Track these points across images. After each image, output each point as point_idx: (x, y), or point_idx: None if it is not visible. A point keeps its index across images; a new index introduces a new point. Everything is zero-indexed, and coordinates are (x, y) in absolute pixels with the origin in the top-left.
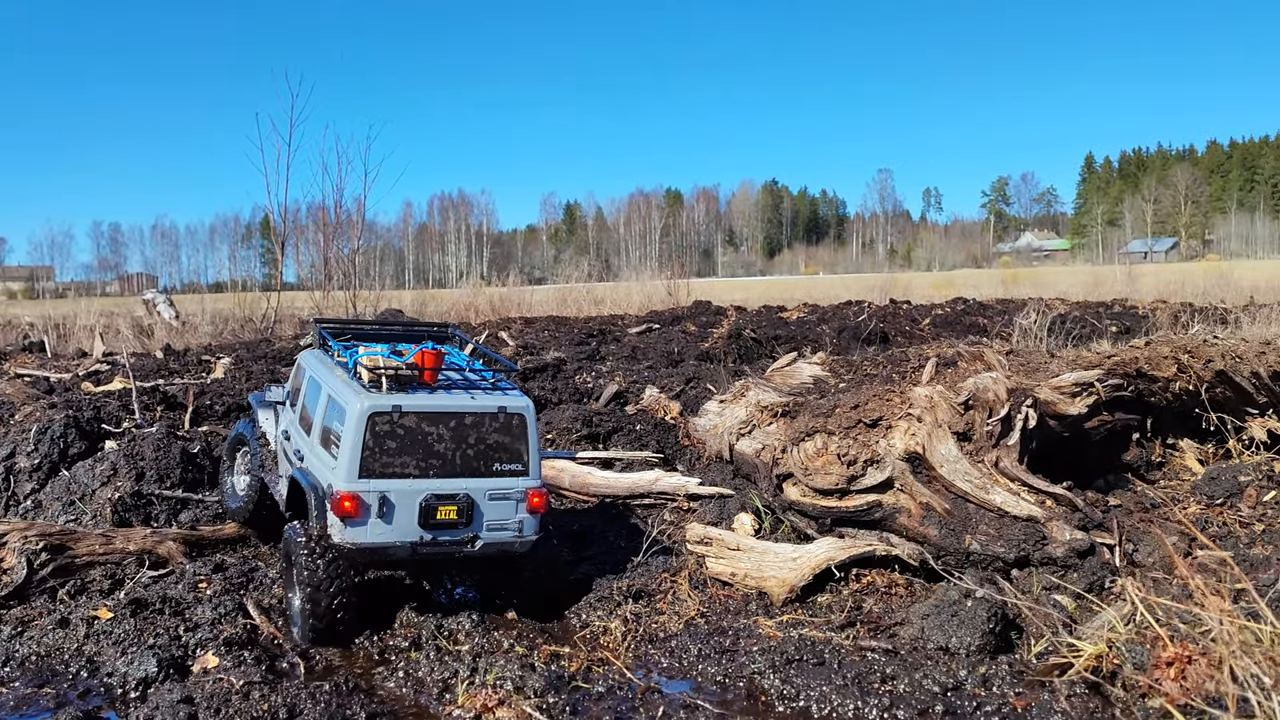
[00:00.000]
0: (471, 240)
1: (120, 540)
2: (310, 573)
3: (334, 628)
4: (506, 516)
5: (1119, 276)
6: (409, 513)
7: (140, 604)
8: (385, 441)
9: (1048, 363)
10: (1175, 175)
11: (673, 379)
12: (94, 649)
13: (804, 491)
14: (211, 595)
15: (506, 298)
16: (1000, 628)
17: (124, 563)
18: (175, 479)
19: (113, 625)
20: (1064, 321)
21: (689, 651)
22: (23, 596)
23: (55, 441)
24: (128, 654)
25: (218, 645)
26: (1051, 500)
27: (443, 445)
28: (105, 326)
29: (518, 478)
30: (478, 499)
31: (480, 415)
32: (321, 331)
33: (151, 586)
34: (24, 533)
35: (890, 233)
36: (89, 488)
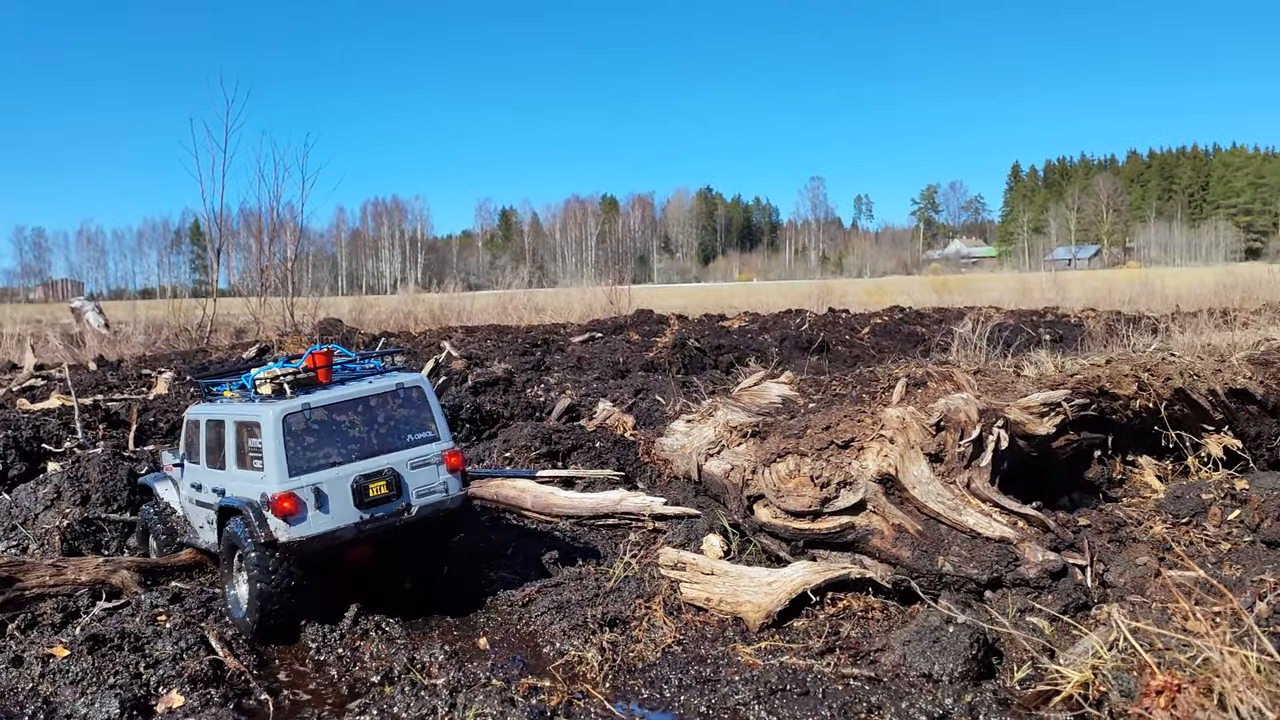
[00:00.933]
0: (406, 246)
1: (72, 570)
2: (261, 571)
3: (282, 620)
4: (431, 480)
5: (1045, 283)
6: (343, 497)
7: (98, 640)
8: (304, 439)
9: (1014, 382)
10: (1097, 184)
11: (621, 390)
12: (50, 689)
13: (776, 513)
14: (171, 628)
15: (446, 305)
16: (982, 653)
17: (76, 594)
18: (122, 501)
19: (70, 663)
20: (1002, 331)
21: (670, 682)
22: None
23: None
24: (87, 694)
25: (182, 683)
26: (1023, 521)
27: (356, 430)
28: (35, 337)
29: (431, 444)
30: (402, 470)
31: (382, 395)
32: (204, 382)
33: (108, 620)
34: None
35: (822, 240)
36: (31, 511)
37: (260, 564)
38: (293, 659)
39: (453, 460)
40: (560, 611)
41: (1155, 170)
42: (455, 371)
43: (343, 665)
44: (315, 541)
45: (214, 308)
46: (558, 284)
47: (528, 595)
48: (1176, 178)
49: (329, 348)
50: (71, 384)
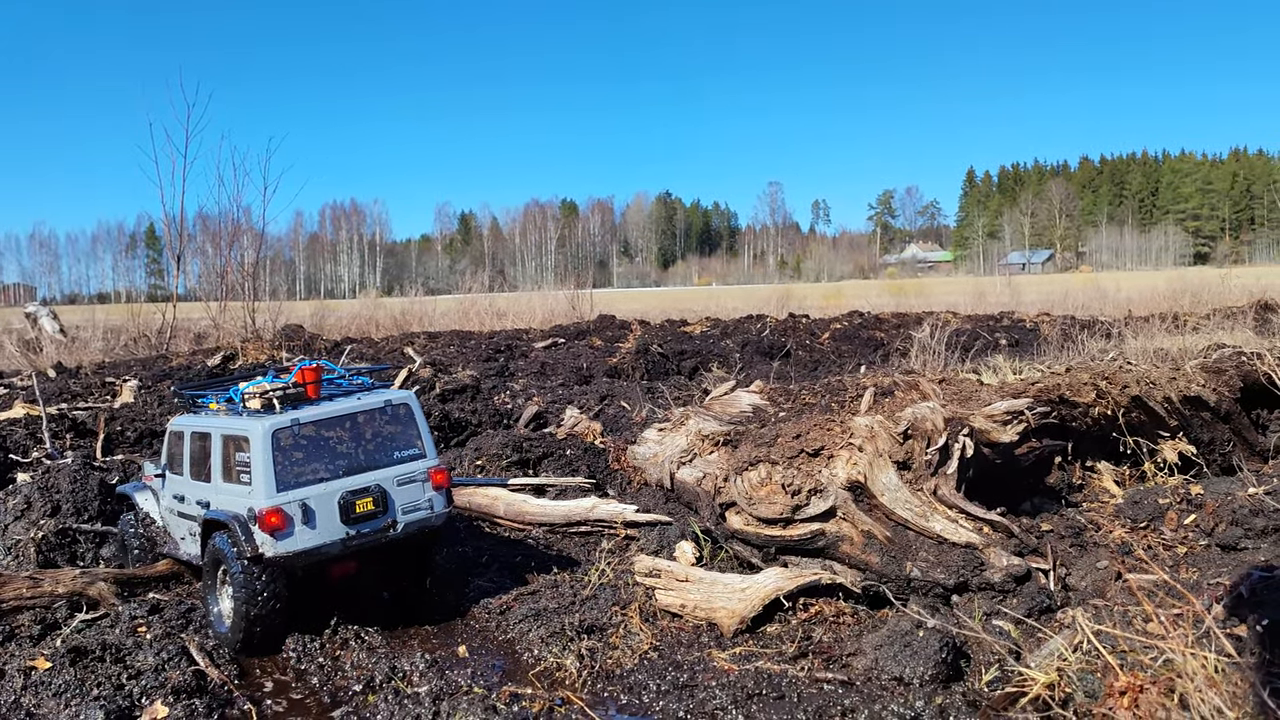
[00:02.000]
0: (364, 250)
1: (49, 583)
2: (247, 587)
3: (266, 635)
4: (417, 497)
5: (1000, 287)
6: (330, 513)
7: (79, 652)
8: (292, 454)
9: (978, 391)
10: (1050, 190)
11: (587, 397)
12: (33, 701)
13: (748, 520)
14: (152, 639)
15: (408, 310)
16: (951, 657)
17: (54, 606)
18: (93, 512)
19: (51, 675)
20: (960, 336)
21: (648, 688)
22: None
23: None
24: (71, 706)
25: (165, 694)
26: (988, 527)
27: (344, 446)
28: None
29: (417, 460)
30: (388, 487)
31: (370, 412)
32: (189, 393)
33: (88, 632)
34: None
35: (781, 244)
36: (1, 522)
37: (246, 579)
38: (274, 668)
39: (438, 478)
40: (538, 619)
41: (1106, 176)
42: (423, 379)
43: (324, 674)
44: (301, 557)
45: (174, 313)
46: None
47: (505, 603)
48: (1127, 184)
49: (318, 364)
50: (44, 392)
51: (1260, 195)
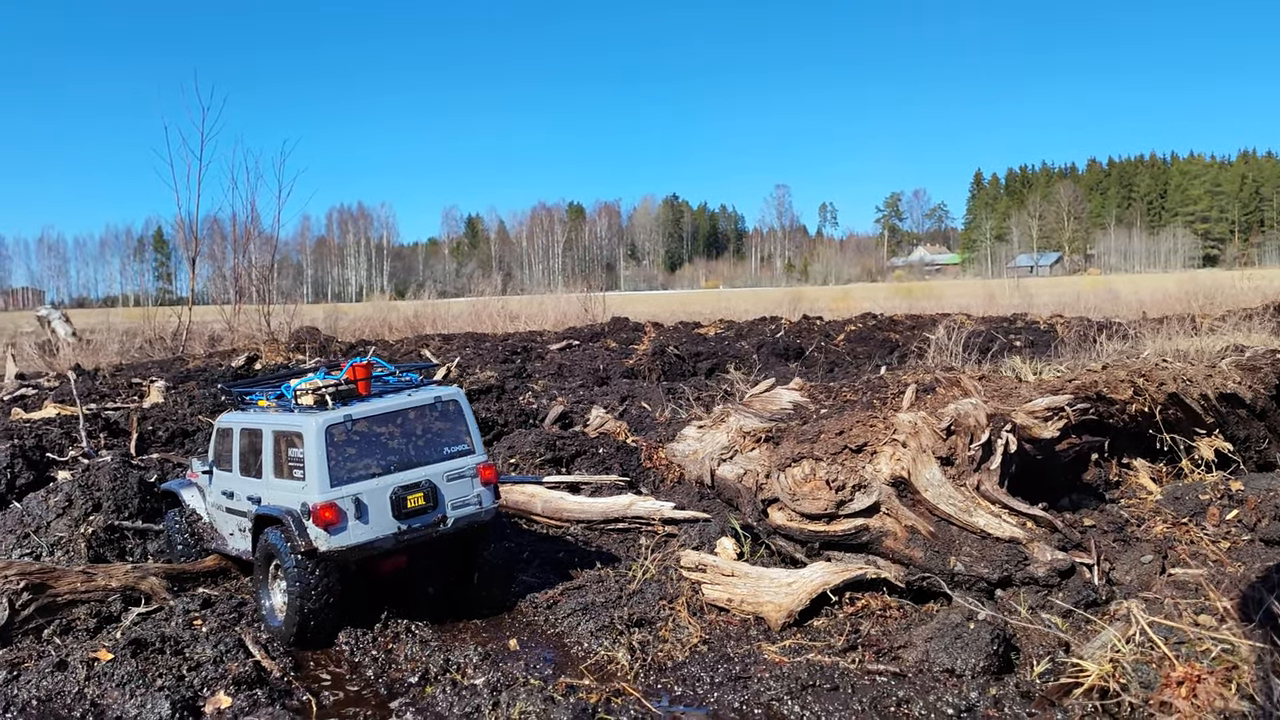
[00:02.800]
0: (372, 254)
1: (102, 577)
2: (301, 582)
3: (320, 629)
4: (466, 493)
5: (1010, 290)
6: (382, 508)
7: (140, 644)
8: (345, 449)
9: (1018, 387)
10: (1058, 192)
11: (607, 397)
12: (97, 691)
13: (790, 516)
14: (208, 633)
15: (420, 313)
16: (1002, 649)
17: (108, 600)
18: (134, 509)
19: (114, 666)
20: (975, 337)
21: (701, 680)
22: (5, 638)
23: (1, 472)
24: (136, 696)
25: (226, 684)
26: (1031, 522)
27: (395, 441)
28: (13, 347)
29: (466, 456)
30: (438, 482)
31: (420, 408)
32: (237, 391)
33: (144, 625)
34: (3, 572)
35: (788, 247)
36: (43, 520)
37: (300, 573)
38: (328, 661)
39: (487, 473)
40: (586, 613)
41: (1115, 178)
42: (449, 380)
43: (378, 667)
44: (354, 551)
45: (189, 316)
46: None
47: (551, 598)
48: (1135, 186)
49: (369, 360)
50: (68, 394)
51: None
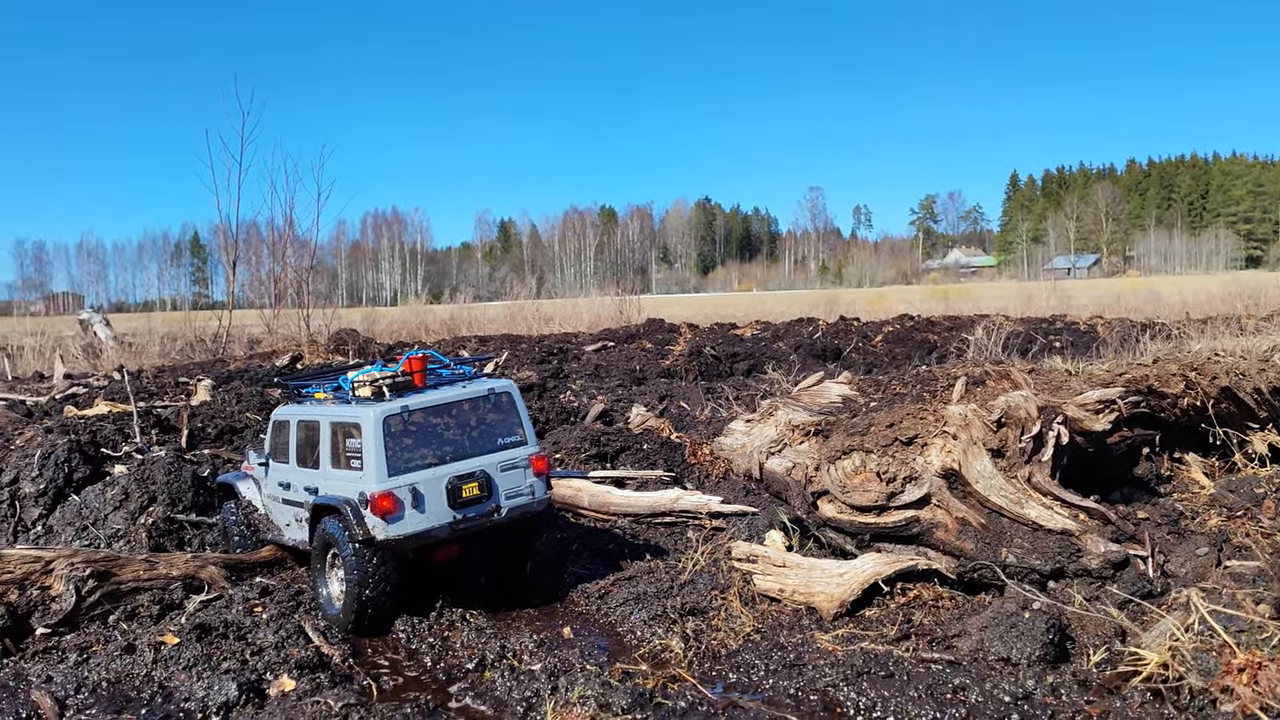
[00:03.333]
0: (406, 258)
1: (163, 565)
2: (359, 570)
3: (377, 617)
4: (519, 483)
5: (1047, 292)
6: (439, 497)
7: (204, 629)
8: (402, 440)
9: (1068, 381)
10: (1096, 193)
11: (645, 397)
12: (164, 674)
13: (841, 508)
14: (268, 619)
15: (456, 315)
16: (1058, 638)
17: (169, 588)
18: (188, 502)
19: (179, 650)
20: (1015, 338)
21: (755, 667)
22: (73, 624)
23: (60, 466)
24: (203, 679)
25: (289, 668)
26: (1084, 514)
27: (451, 432)
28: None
29: (519, 447)
30: (493, 473)
31: (474, 400)
32: (294, 384)
33: (206, 611)
34: (70, 560)
35: (822, 249)
36: (101, 512)
37: (358, 561)
38: (385, 648)
39: (539, 464)
40: (638, 603)
41: (1154, 179)
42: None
43: (435, 653)
44: (411, 540)
45: (229, 319)
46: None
47: (603, 588)
48: (1176, 186)
49: (424, 353)
50: (112, 392)
51: None
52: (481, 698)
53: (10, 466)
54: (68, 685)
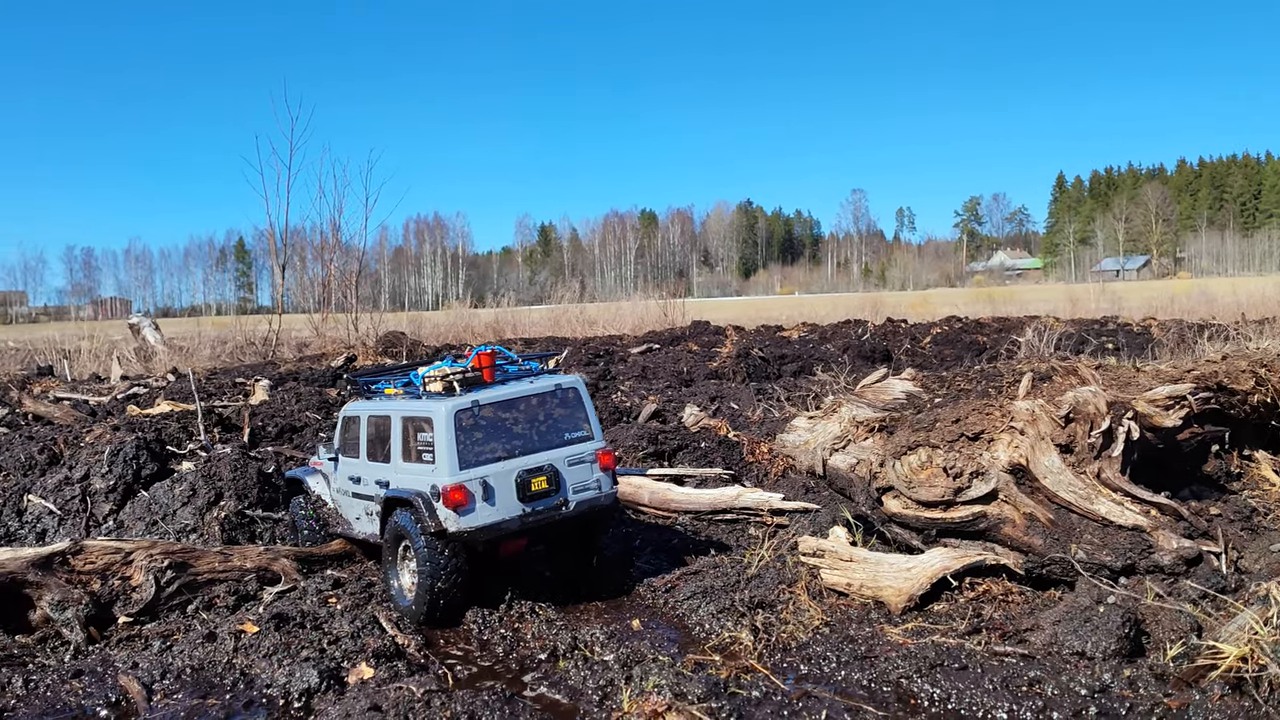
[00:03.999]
0: (447, 263)
1: (237, 558)
2: (432, 562)
3: (449, 608)
4: (586, 478)
5: (1095, 294)
6: (508, 490)
7: (282, 618)
8: (473, 434)
9: (1135, 377)
10: (1146, 194)
11: (696, 397)
12: (245, 662)
13: (906, 504)
14: (342, 610)
15: (500, 319)
16: (1133, 632)
17: (243, 579)
18: (253, 498)
19: (259, 639)
20: (1068, 339)
21: (826, 659)
22: (153, 613)
23: (129, 463)
24: (284, 666)
25: (366, 657)
26: (1155, 510)
27: (519, 427)
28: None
29: (586, 442)
30: (560, 467)
31: (542, 395)
32: (359, 380)
33: (282, 601)
34: (149, 551)
35: (865, 252)
36: (169, 508)
37: (430, 554)
38: (458, 639)
39: (605, 459)
40: (705, 596)
41: (1205, 179)
42: None
43: (507, 644)
44: (482, 532)
45: (279, 322)
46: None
47: (669, 582)
48: (1228, 186)
49: (493, 349)
50: (177, 392)
51: None
52: (556, 686)
53: (81, 464)
54: (153, 671)
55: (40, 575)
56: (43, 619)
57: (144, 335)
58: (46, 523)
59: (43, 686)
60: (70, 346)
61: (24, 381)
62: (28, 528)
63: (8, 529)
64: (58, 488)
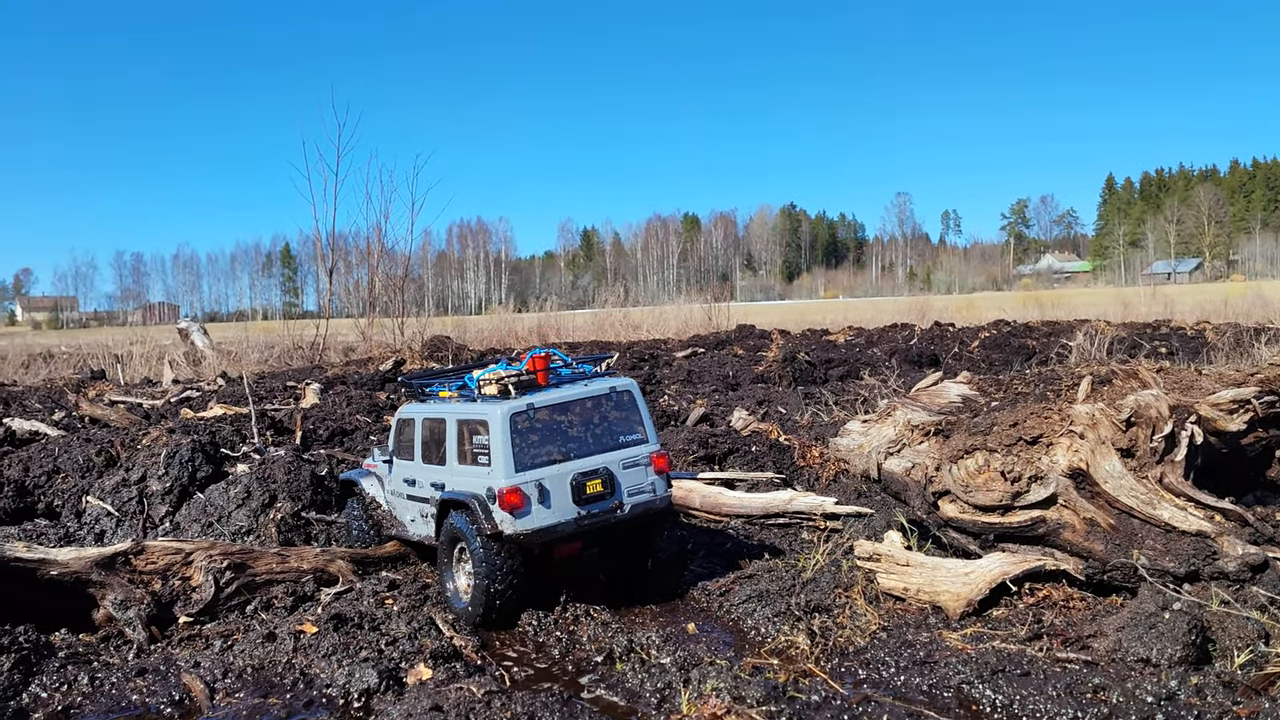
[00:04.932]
0: (490, 267)
1: (294, 559)
2: (488, 563)
3: (505, 610)
4: (641, 480)
5: (1147, 297)
6: (564, 493)
7: (340, 619)
8: (528, 436)
9: (1198, 380)
10: (1198, 196)
11: (744, 402)
12: (304, 662)
13: (963, 508)
14: (399, 611)
15: (544, 323)
16: (1199, 639)
17: (300, 580)
18: (306, 500)
19: (318, 639)
20: (1120, 343)
21: (885, 664)
22: (213, 613)
23: (184, 465)
24: (343, 666)
25: (424, 658)
26: (1219, 515)
27: (574, 430)
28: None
29: (640, 445)
30: (615, 470)
31: (596, 398)
32: (413, 383)
33: (340, 602)
34: (208, 552)
35: (910, 256)
36: (224, 510)
37: (486, 555)
38: (513, 641)
39: (659, 462)
40: (760, 600)
41: (1260, 180)
42: None
43: (563, 646)
44: (538, 535)
45: (326, 327)
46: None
47: (724, 586)
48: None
49: (548, 351)
50: (229, 396)
51: None
52: (614, 689)
53: (138, 466)
54: (215, 670)
55: (103, 575)
56: (106, 618)
57: (192, 340)
58: (105, 524)
59: (108, 684)
60: (121, 351)
61: (79, 385)
62: (86, 529)
63: (67, 530)
64: (115, 489)
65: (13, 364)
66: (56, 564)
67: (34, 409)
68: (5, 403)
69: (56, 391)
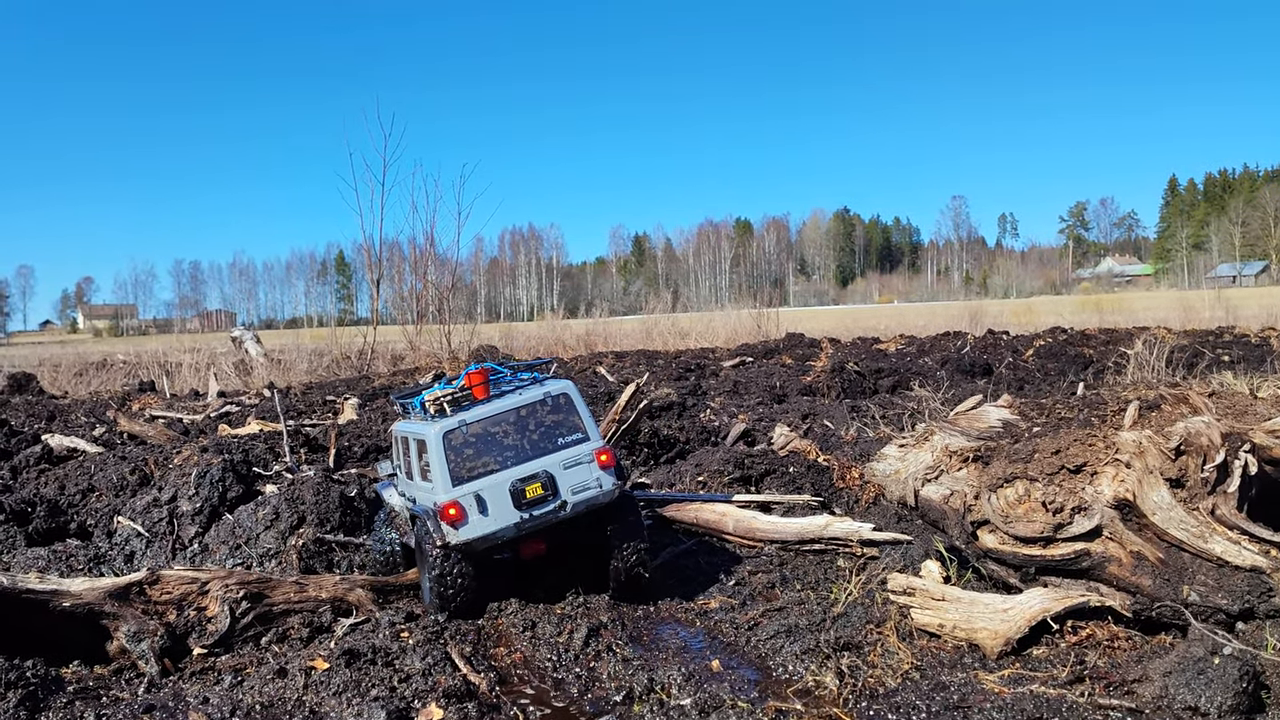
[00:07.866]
0: (542, 273)
1: (313, 588)
2: (439, 569)
3: (461, 607)
4: (585, 478)
5: (1210, 302)
6: (503, 500)
7: (353, 654)
8: (463, 451)
9: (1252, 405)
10: (1264, 196)
11: (787, 415)
12: (314, 699)
13: (1003, 539)
14: (415, 645)
15: (592, 330)
16: (1252, 687)
17: (318, 610)
18: (335, 523)
19: (329, 675)
20: (1180, 352)
21: (917, 708)
22: (228, 645)
23: (215, 485)
24: (352, 705)
25: (437, 696)
26: (1276, 549)
27: (510, 439)
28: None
29: (582, 444)
30: (555, 472)
31: (531, 405)
32: (401, 400)
33: (355, 635)
34: (224, 581)
35: (965, 260)
36: (253, 532)
37: (436, 562)
38: (532, 677)
39: (603, 458)
40: (789, 635)
41: None
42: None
43: (582, 684)
44: (480, 542)
45: (374, 336)
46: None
47: (752, 619)
48: None
49: (483, 366)
50: (268, 411)
51: None
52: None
53: (169, 485)
54: (223, 708)
55: (117, 606)
56: (119, 650)
57: (246, 348)
58: (134, 545)
59: None
60: (173, 360)
61: (124, 399)
62: (116, 549)
63: (98, 551)
64: (146, 509)
65: (66, 373)
66: (69, 595)
67: (77, 424)
68: (50, 417)
69: (102, 405)
